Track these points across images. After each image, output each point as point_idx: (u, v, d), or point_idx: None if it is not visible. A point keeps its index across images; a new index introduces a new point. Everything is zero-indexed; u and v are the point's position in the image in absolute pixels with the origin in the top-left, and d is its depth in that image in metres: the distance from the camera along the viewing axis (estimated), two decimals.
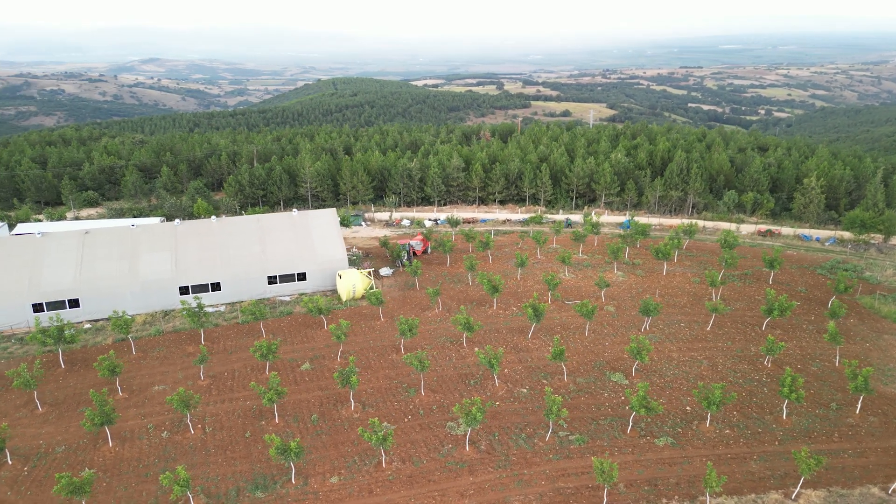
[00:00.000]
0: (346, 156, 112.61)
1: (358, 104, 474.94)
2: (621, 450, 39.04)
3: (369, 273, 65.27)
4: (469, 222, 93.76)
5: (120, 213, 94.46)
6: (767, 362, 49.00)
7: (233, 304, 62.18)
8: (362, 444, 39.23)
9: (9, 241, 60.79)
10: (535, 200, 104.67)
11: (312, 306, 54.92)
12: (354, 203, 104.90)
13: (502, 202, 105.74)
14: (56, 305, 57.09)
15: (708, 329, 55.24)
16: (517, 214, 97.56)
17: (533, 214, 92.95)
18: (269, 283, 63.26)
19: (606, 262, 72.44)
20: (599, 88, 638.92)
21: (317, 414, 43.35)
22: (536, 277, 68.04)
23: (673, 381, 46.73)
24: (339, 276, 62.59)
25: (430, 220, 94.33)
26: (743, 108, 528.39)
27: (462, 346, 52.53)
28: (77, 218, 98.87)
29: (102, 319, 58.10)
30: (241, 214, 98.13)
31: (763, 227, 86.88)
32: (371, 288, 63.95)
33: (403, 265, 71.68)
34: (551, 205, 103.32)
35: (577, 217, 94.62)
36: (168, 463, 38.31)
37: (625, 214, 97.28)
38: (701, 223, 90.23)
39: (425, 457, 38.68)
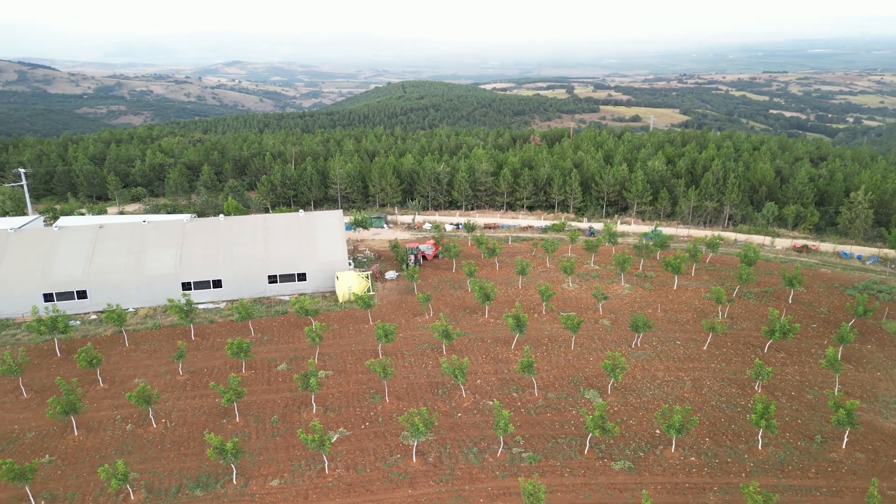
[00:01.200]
0: (378, 158, 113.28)
1: (423, 107, 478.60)
2: (573, 471, 37.34)
3: (367, 276, 65.33)
4: (490, 227, 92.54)
5: (156, 210, 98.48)
6: (758, 387, 45.84)
7: (233, 301, 63.53)
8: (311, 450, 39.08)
9: (27, 233, 64.10)
10: (564, 207, 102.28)
11: (299, 307, 55.36)
12: (383, 205, 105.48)
13: (531, 208, 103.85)
14: (65, 296, 59.86)
15: (704, 348, 52.31)
16: (541, 221, 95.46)
17: (556, 221, 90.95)
18: (270, 282, 64.25)
19: (618, 274, 69.81)
20: (674, 94, 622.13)
21: (278, 415, 43.57)
22: (543, 283, 66.31)
23: (650, 402, 44.38)
24: (338, 278, 62.95)
25: (451, 224, 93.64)
26: (829, 116, 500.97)
27: (442, 354, 51.61)
28: (122, 212, 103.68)
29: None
30: (272, 212, 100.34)
31: (798, 243, 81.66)
32: (368, 291, 64.00)
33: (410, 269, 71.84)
34: (581, 212, 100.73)
35: (602, 226, 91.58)
36: (123, 455, 39.21)
37: (661, 224, 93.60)
38: (733, 236, 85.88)
39: (371, 465, 38.14)
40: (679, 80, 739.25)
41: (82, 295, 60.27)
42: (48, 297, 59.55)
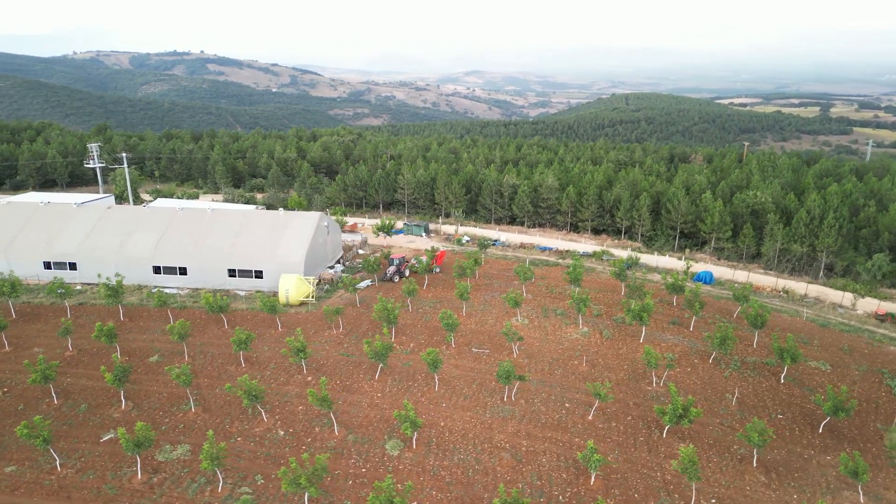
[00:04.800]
0: (443, 167, 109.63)
1: (634, 120, 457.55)
2: None
3: (312, 281, 63.38)
4: (525, 247, 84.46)
5: (233, 199, 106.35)
6: (592, 479, 35.50)
7: (196, 289, 65.95)
8: (78, 445, 38.91)
9: (48, 208, 72.68)
10: (633, 235, 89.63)
11: (206, 303, 55.60)
12: (447, 214, 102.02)
13: (596, 231, 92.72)
14: (60, 266, 66.89)
15: (589, 418, 42.03)
16: (582, 245, 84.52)
17: (597, 248, 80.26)
18: (230, 275, 65.45)
19: (595, 315, 59.36)
20: None
21: (90, 405, 43.88)
22: (493, 314, 59.04)
23: (448, 467, 36.80)
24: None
25: (489, 240, 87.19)
26: None
27: (301, 372, 48.31)
28: (227, 200, 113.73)
29: (93, 284, 66.39)
30: (325, 211, 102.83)
31: (882, 309, 61.75)
32: (309, 296, 62.20)
33: (389, 279, 68.88)
34: (651, 242, 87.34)
35: (665, 260, 78.38)
36: None
37: (736, 266, 77.70)
38: (803, 288, 68.01)
39: (102, 473, 36.58)
40: None
41: (73, 267, 66.87)
42: (47, 266, 67.19)
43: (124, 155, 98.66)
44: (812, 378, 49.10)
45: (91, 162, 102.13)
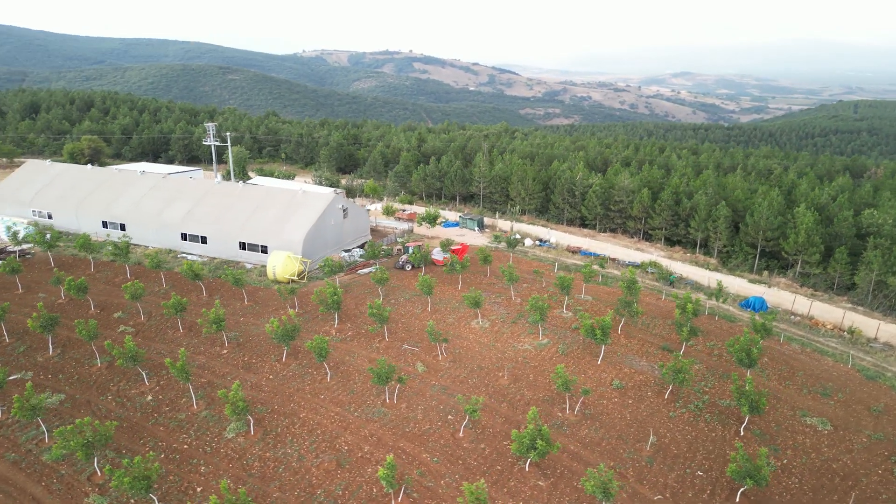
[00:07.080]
0: (525, 163, 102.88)
1: (853, 130, 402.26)
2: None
3: (302, 261, 62.93)
4: (573, 251, 76.51)
5: (319, 181, 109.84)
6: (396, 500, 30.79)
7: (213, 258, 69.01)
8: None
9: (119, 174, 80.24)
10: (709, 250, 77.25)
11: (182, 270, 57.71)
12: (523, 211, 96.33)
13: (671, 242, 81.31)
14: (113, 226, 73.95)
15: (460, 435, 36.74)
16: (633, 253, 74.32)
17: (645, 259, 70.62)
18: (241, 248, 67.41)
19: (573, 328, 51.99)
20: None
21: (27, 347, 47.36)
22: (458, 313, 54.32)
23: (266, 459, 34.50)
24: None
25: (537, 240, 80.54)
26: None
27: (223, 344, 48.20)
28: (315, 182, 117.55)
29: (137, 245, 72.37)
30: (395, 198, 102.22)
31: None
32: (295, 274, 62.00)
33: (401, 268, 66.87)
34: (727, 259, 74.59)
35: (716, 278, 66.65)
36: None
37: (820, 297, 63.78)
38: (874, 327, 53.49)
39: None
40: None
41: (123, 227, 73.37)
42: (104, 225, 74.55)
43: (229, 134, 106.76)
44: (794, 436, 38.44)
45: (208, 140, 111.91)
